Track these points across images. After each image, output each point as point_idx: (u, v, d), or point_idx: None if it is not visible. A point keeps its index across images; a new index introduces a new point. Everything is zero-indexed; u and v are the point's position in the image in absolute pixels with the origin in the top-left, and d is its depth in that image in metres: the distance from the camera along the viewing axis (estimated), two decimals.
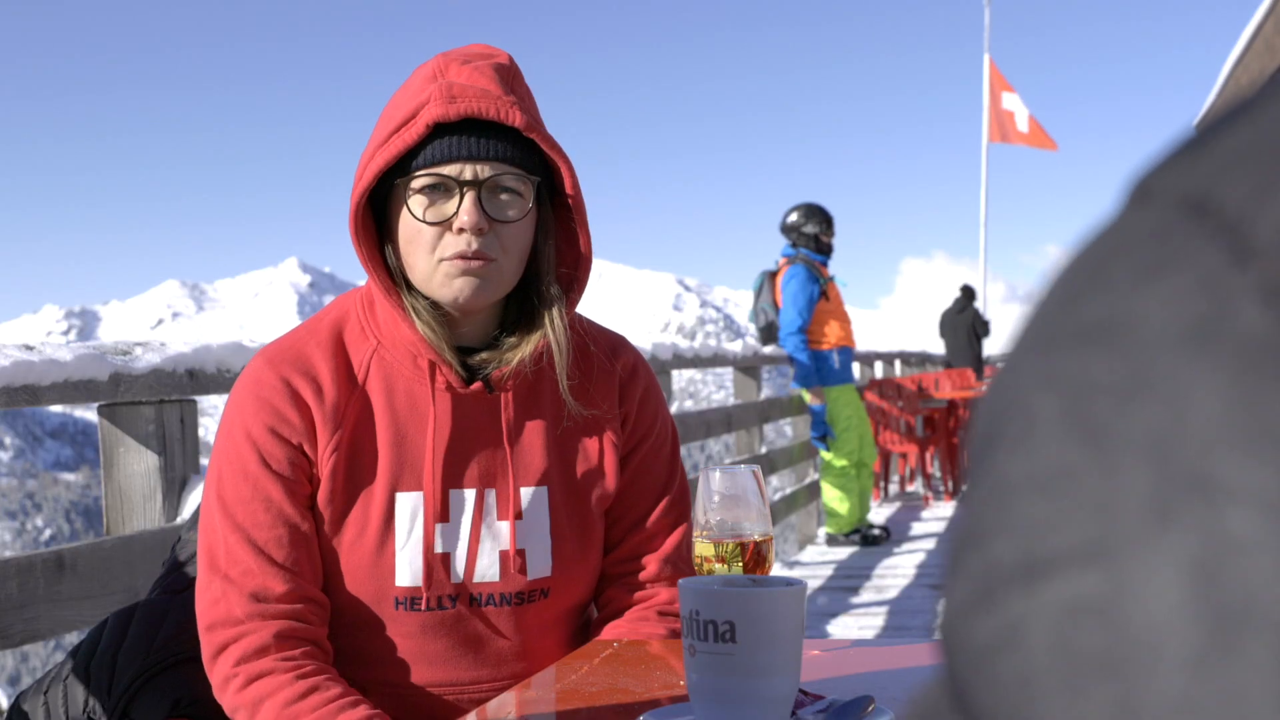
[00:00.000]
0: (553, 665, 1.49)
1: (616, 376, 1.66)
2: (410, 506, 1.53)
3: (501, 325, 1.59)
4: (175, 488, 2.80)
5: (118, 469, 2.77)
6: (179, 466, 2.81)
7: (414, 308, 1.52)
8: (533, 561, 1.58)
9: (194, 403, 2.87)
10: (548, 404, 1.60)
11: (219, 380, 2.87)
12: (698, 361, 6.34)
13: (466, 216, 1.46)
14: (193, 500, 2.80)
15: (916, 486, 11.80)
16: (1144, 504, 0.24)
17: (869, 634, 5.86)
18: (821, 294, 7.33)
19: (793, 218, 7.48)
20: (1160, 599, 0.24)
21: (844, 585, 7.00)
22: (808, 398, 7.50)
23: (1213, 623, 0.23)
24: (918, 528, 9.07)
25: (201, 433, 2.63)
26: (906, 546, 8.19)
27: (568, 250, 1.60)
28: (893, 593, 6.75)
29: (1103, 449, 0.25)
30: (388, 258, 1.54)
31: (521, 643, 1.59)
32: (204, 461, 2.80)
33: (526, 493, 1.57)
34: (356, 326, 1.57)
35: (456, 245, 1.48)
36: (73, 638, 2.43)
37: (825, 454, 7.75)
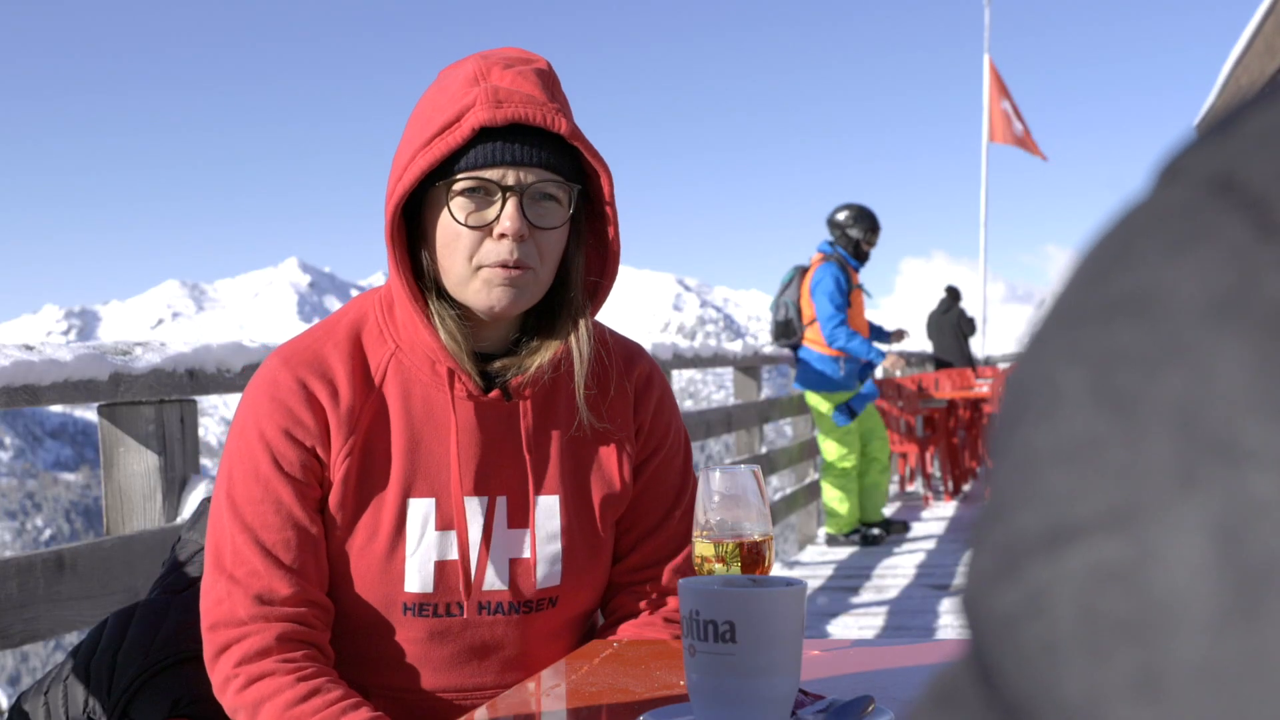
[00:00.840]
0: (553, 665, 1.49)
1: (632, 385, 1.65)
2: (422, 513, 1.52)
3: (521, 331, 1.58)
4: (175, 488, 2.80)
5: (118, 469, 2.77)
6: (179, 466, 2.81)
7: (439, 315, 1.51)
8: (543, 571, 1.57)
9: (194, 403, 2.87)
10: (563, 412, 1.59)
11: (219, 380, 2.87)
12: (698, 361, 6.34)
13: (509, 223, 1.45)
14: (193, 500, 2.80)
15: (916, 486, 11.80)
16: (1168, 470, 0.25)
17: (869, 634, 5.86)
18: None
19: (841, 215, 7.39)
20: (1183, 562, 0.24)
21: (844, 585, 7.00)
22: (881, 372, 7.42)
23: (1236, 585, 0.24)
24: (918, 528, 9.06)
25: (201, 433, 2.63)
26: (906, 546, 8.19)
27: (593, 256, 1.59)
28: (893, 593, 6.75)
29: (1128, 417, 0.25)
30: (416, 260, 1.52)
31: (527, 650, 1.59)
32: (204, 462, 2.80)
33: (539, 501, 1.57)
34: (375, 329, 1.56)
35: (498, 252, 1.46)
36: (73, 638, 2.43)
37: (827, 454, 7.74)
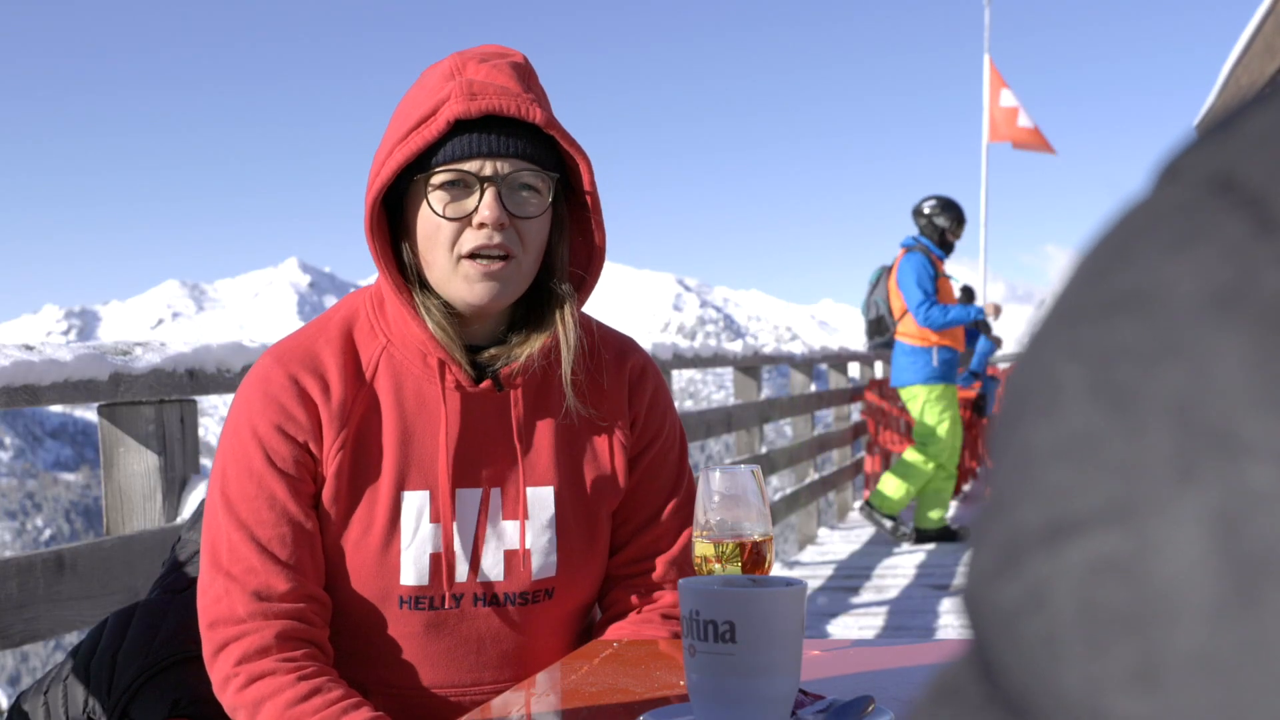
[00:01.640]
0: (553, 665, 1.49)
1: (625, 378, 1.65)
2: (416, 505, 1.53)
3: (510, 322, 1.58)
4: (175, 488, 2.80)
5: (118, 469, 2.77)
6: (179, 466, 2.81)
7: (425, 306, 1.52)
8: (538, 561, 1.57)
9: (194, 403, 2.87)
10: (556, 404, 1.60)
11: (219, 380, 2.87)
12: (698, 361, 6.34)
13: (487, 211, 1.46)
14: (193, 500, 2.80)
15: None
16: (1167, 463, 0.25)
17: (869, 634, 5.86)
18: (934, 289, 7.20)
19: (927, 206, 7.31)
20: (1182, 553, 0.24)
21: (844, 585, 7.00)
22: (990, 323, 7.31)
23: (1234, 575, 0.24)
24: None
25: (201, 433, 2.63)
26: (906, 546, 8.19)
27: (579, 247, 1.60)
28: (893, 593, 6.75)
29: (1127, 412, 0.26)
30: (401, 256, 1.54)
31: (525, 643, 1.59)
32: (204, 462, 2.80)
33: (533, 492, 1.57)
34: (366, 325, 1.57)
35: (476, 240, 1.47)
36: (73, 638, 2.43)
37: (911, 454, 7.61)
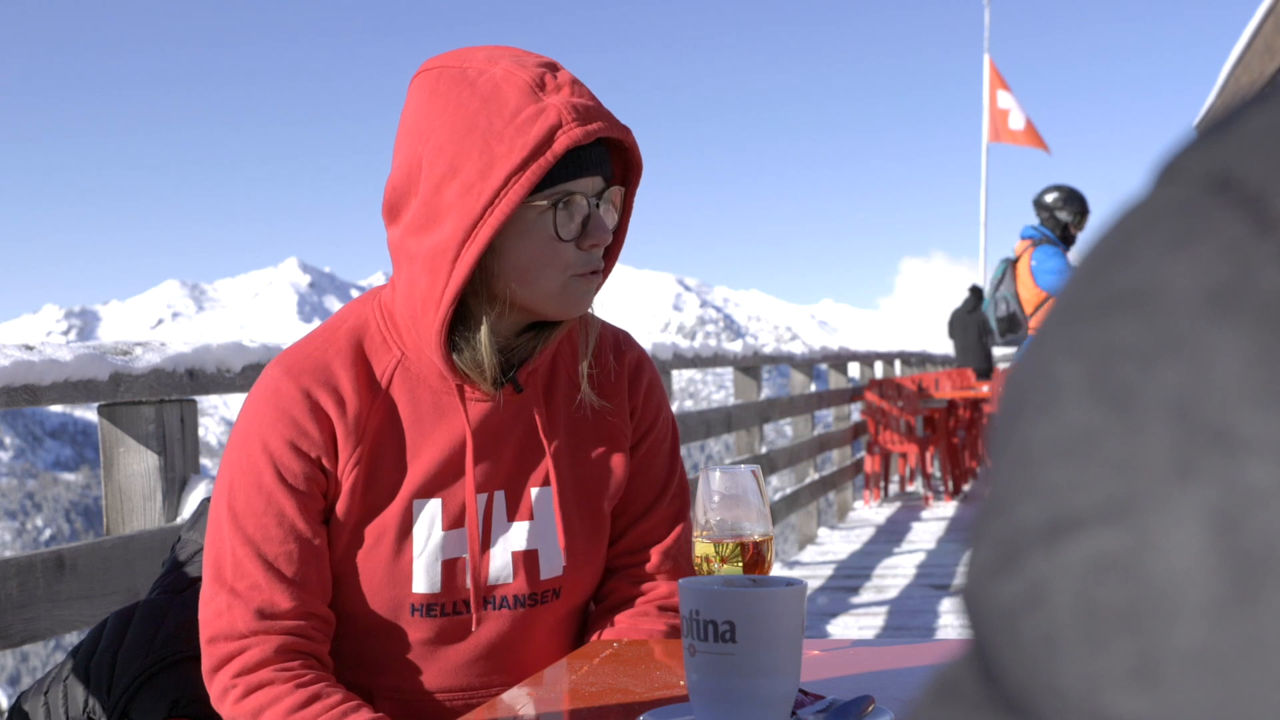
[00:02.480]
0: (553, 665, 1.49)
1: (625, 371, 1.66)
2: (430, 513, 1.52)
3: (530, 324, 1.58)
4: (175, 488, 2.80)
5: (118, 469, 2.77)
6: (179, 466, 2.81)
7: (468, 340, 1.49)
8: (545, 561, 1.58)
9: (194, 403, 2.87)
10: (562, 404, 1.60)
11: (219, 380, 2.87)
12: (698, 361, 6.34)
13: (601, 232, 1.48)
14: (193, 500, 2.80)
15: (916, 486, 11.81)
16: (1166, 460, 0.25)
17: (869, 634, 5.86)
18: None
19: (1050, 197, 7.18)
20: (1181, 551, 0.24)
21: (844, 585, 7.00)
22: None
23: (1233, 572, 0.24)
24: (918, 528, 9.07)
25: (201, 433, 2.63)
26: (906, 546, 8.19)
27: None
28: (893, 593, 6.75)
29: (1126, 410, 0.26)
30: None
31: (532, 644, 1.59)
32: (204, 462, 2.80)
33: (538, 492, 1.57)
34: (378, 336, 1.54)
35: (589, 260, 1.49)
36: (73, 638, 2.43)
37: None
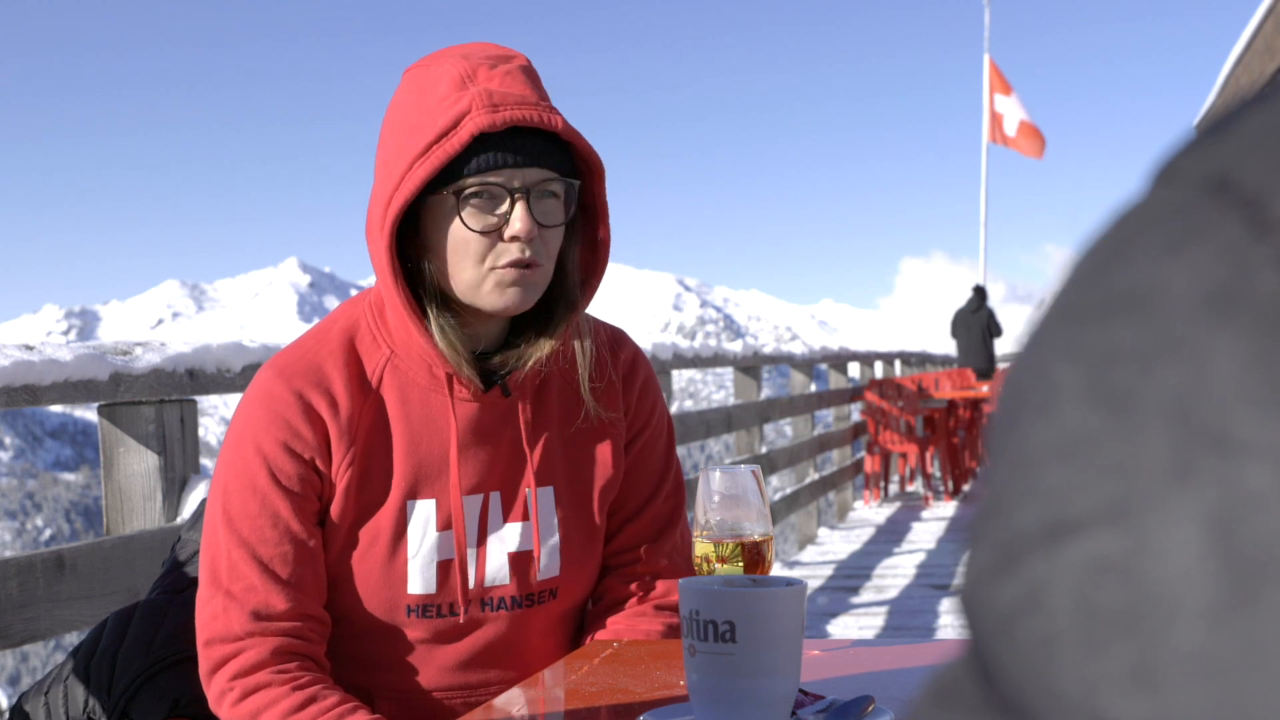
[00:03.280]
0: (553, 665, 1.49)
1: (620, 370, 1.65)
2: (424, 515, 1.52)
3: (514, 325, 1.58)
4: (175, 488, 2.80)
5: (118, 469, 2.77)
6: (179, 466, 2.81)
7: (439, 325, 1.50)
8: (542, 563, 1.58)
9: (194, 403, 2.87)
10: (555, 404, 1.60)
11: (219, 380, 2.87)
12: (698, 361, 6.34)
13: (521, 225, 1.45)
14: (193, 500, 2.80)
15: (916, 486, 11.80)
16: (1164, 463, 0.25)
17: (869, 634, 5.86)
18: None
19: None
20: (1179, 554, 0.24)
21: (844, 585, 7.00)
22: None
23: (1231, 575, 0.24)
24: (918, 528, 9.07)
25: (201, 433, 2.63)
26: (906, 546, 8.20)
27: (583, 249, 1.59)
28: (893, 593, 6.75)
29: (1124, 413, 0.26)
30: (405, 268, 1.51)
31: (529, 644, 1.59)
32: (204, 462, 2.80)
33: (535, 494, 1.57)
34: (368, 335, 1.55)
35: (510, 253, 1.46)
36: (73, 638, 2.43)
37: None
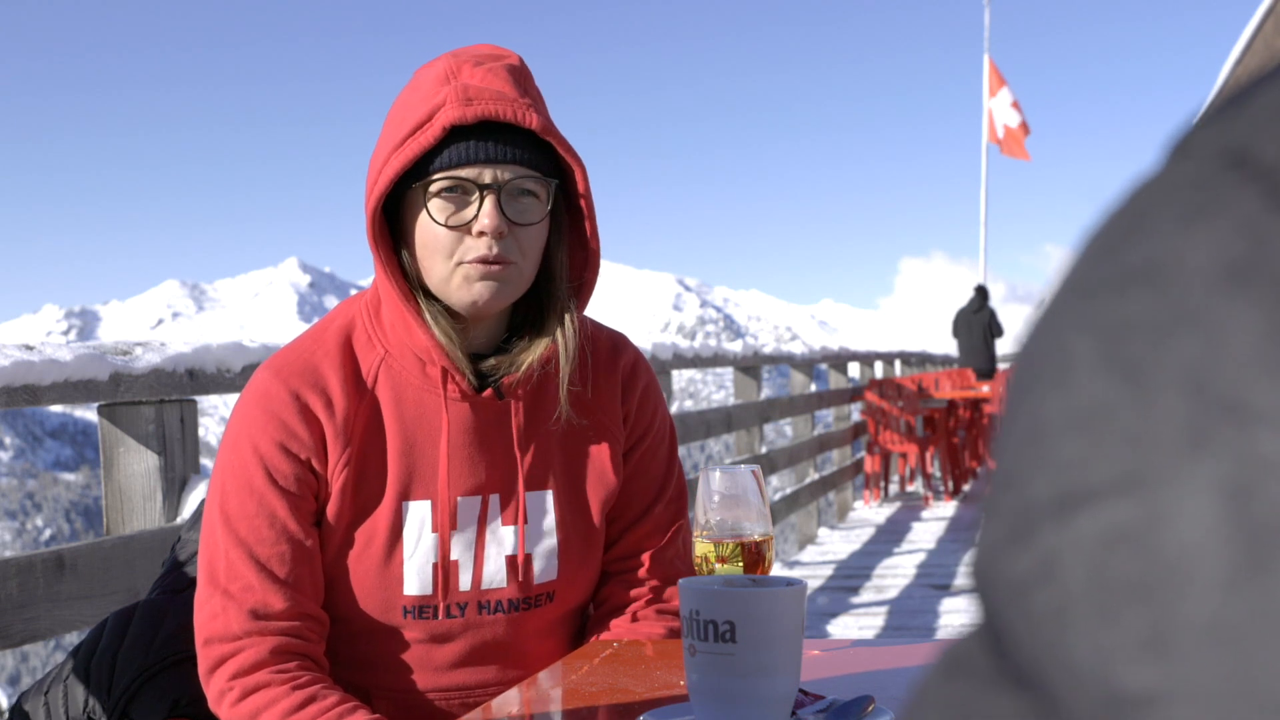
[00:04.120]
0: (553, 665, 1.49)
1: (619, 375, 1.65)
2: (419, 516, 1.52)
3: (509, 328, 1.58)
4: (175, 488, 2.80)
5: (118, 469, 2.77)
6: (179, 466, 2.81)
7: (431, 314, 1.50)
8: (539, 565, 1.57)
9: (194, 403, 2.87)
10: (552, 407, 1.59)
11: (219, 380, 2.87)
12: (698, 361, 6.34)
13: (487, 220, 1.45)
14: (193, 500, 2.80)
15: (916, 486, 11.80)
16: (1178, 432, 0.25)
17: (869, 634, 5.86)
18: None
19: None
20: (1193, 522, 0.24)
21: (844, 585, 7.00)
22: None
23: (1245, 543, 0.24)
24: (918, 528, 9.07)
25: (201, 433, 2.63)
26: (906, 546, 8.20)
27: (576, 252, 1.59)
28: (893, 593, 6.76)
29: (1139, 383, 0.26)
30: (402, 262, 1.52)
31: (526, 647, 1.59)
32: (204, 462, 2.80)
33: (531, 496, 1.57)
34: (364, 335, 1.55)
35: (477, 249, 1.46)
36: (73, 638, 2.43)
37: None
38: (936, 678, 0.30)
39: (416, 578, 1.52)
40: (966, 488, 11.31)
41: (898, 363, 14.14)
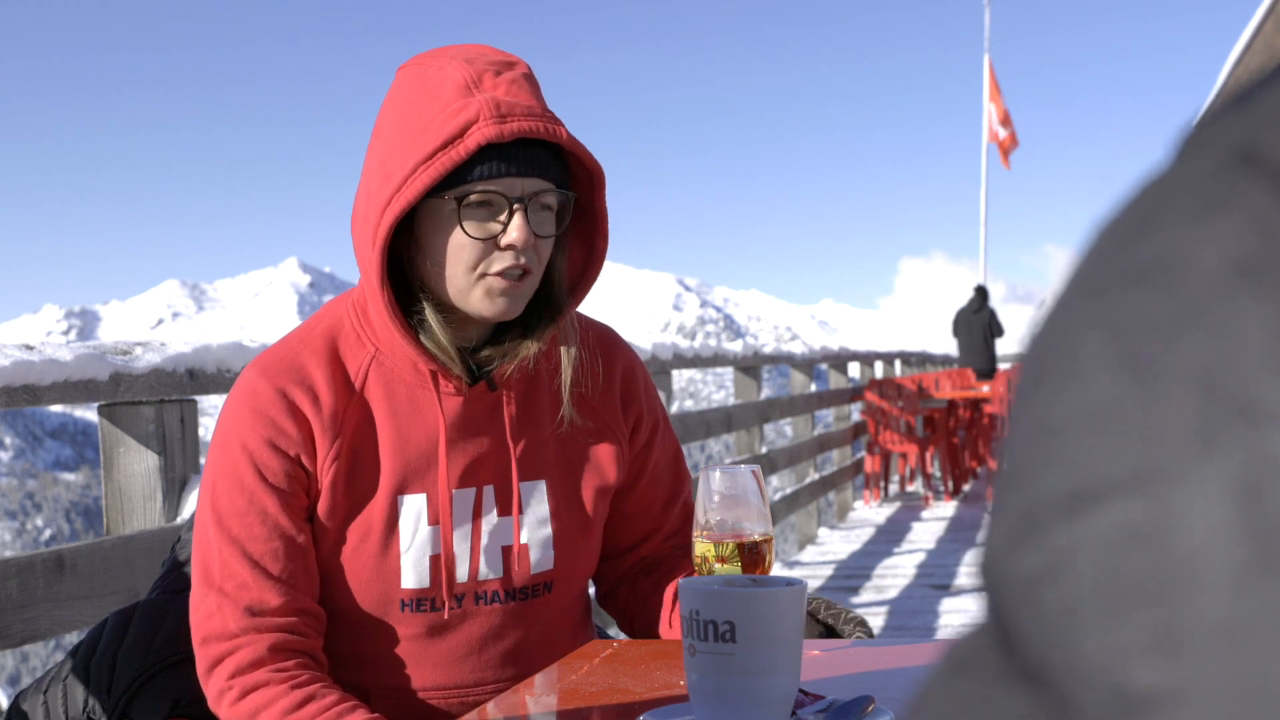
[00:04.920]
0: (553, 665, 1.49)
1: (619, 377, 1.67)
2: (415, 509, 1.53)
3: (501, 324, 1.59)
4: (175, 488, 2.80)
5: (118, 469, 2.77)
6: (179, 466, 2.81)
7: (431, 323, 1.51)
8: (536, 555, 1.59)
9: (194, 403, 2.88)
10: (546, 398, 1.61)
11: (219, 380, 2.87)
12: (698, 361, 6.34)
13: (517, 234, 1.46)
14: (193, 500, 2.80)
15: (916, 486, 11.80)
16: (1189, 431, 0.25)
17: None
18: None
19: None
20: (1204, 521, 0.24)
21: (844, 585, 7.00)
22: None
23: (1256, 542, 0.24)
24: (918, 528, 9.07)
25: (201, 433, 2.63)
26: (906, 546, 8.20)
27: (576, 251, 1.60)
28: (893, 593, 6.76)
29: (1149, 381, 0.26)
30: (397, 269, 1.52)
31: (525, 639, 1.60)
32: (204, 462, 2.80)
33: (526, 487, 1.58)
34: (352, 334, 1.56)
35: (504, 260, 1.48)
36: (73, 638, 2.43)
37: None
38: (943, 675, 0.30)
39: (413, 570, 1.53)
40: (966, 488, 11.31)
41: (898, 363, 14.14)
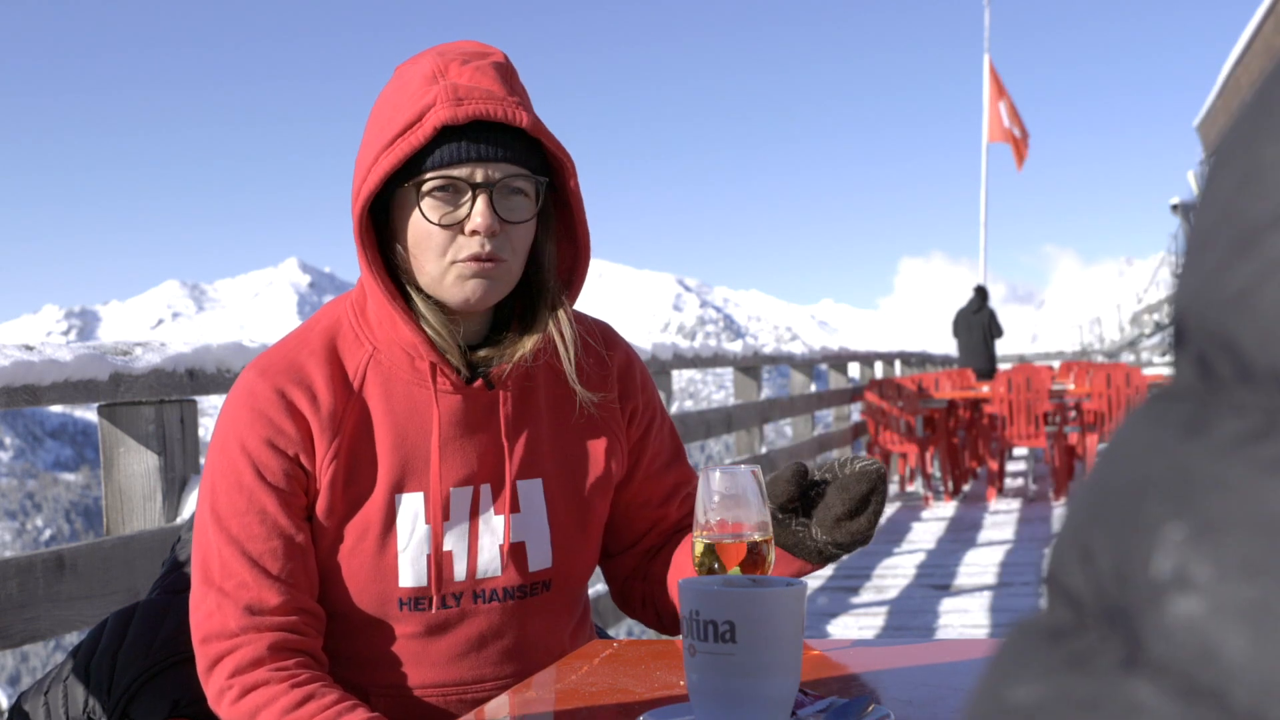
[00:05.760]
0: (553, 665, 1.49)
1: (615, 367, 1.68)
2: (412, 508, 1.53)
3: (498, 320, 1.59)
4: (175, 488, 2.80)
5: (118, 469, 2.77)
6: (179, 466, 2.81)
7: (421, 311, 1.52)
8: (533, 553, 1.59)
9: (194, 403, 2.88)
10: (543, 396, 1.61)
11: (219, 380, 2.87)
12: (698, 361, 6.34)
13: (480, 219, 1.46)
14: (193, 500, 2.80)
15: (916, 486, 11.80)
16: None
17: (869, 634, 5.86)
18: None
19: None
20: None
21: (844, 585, 7.00)
22: None
23: None
24: (918, 528, 9.07)
25: (201, 433, 2.63)
26: (906, 546, 8.20)
27: (565, 246, 1.61)
28: (893, 593, 6.76)
29: None
30: (390, 259, 1.54)
31: (524, 637, 1.60)
32: (204, 462, 2.80)
33: (522, 485, 1.59)
34: (350, 334, 1.57)
35: (470, 247, 1.48)
36: (73, 638, 2.43)
37: None
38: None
39: (411, 569, 1.54)
40: (966, 488, 11.31)
41: (898, 363, 14.14)
